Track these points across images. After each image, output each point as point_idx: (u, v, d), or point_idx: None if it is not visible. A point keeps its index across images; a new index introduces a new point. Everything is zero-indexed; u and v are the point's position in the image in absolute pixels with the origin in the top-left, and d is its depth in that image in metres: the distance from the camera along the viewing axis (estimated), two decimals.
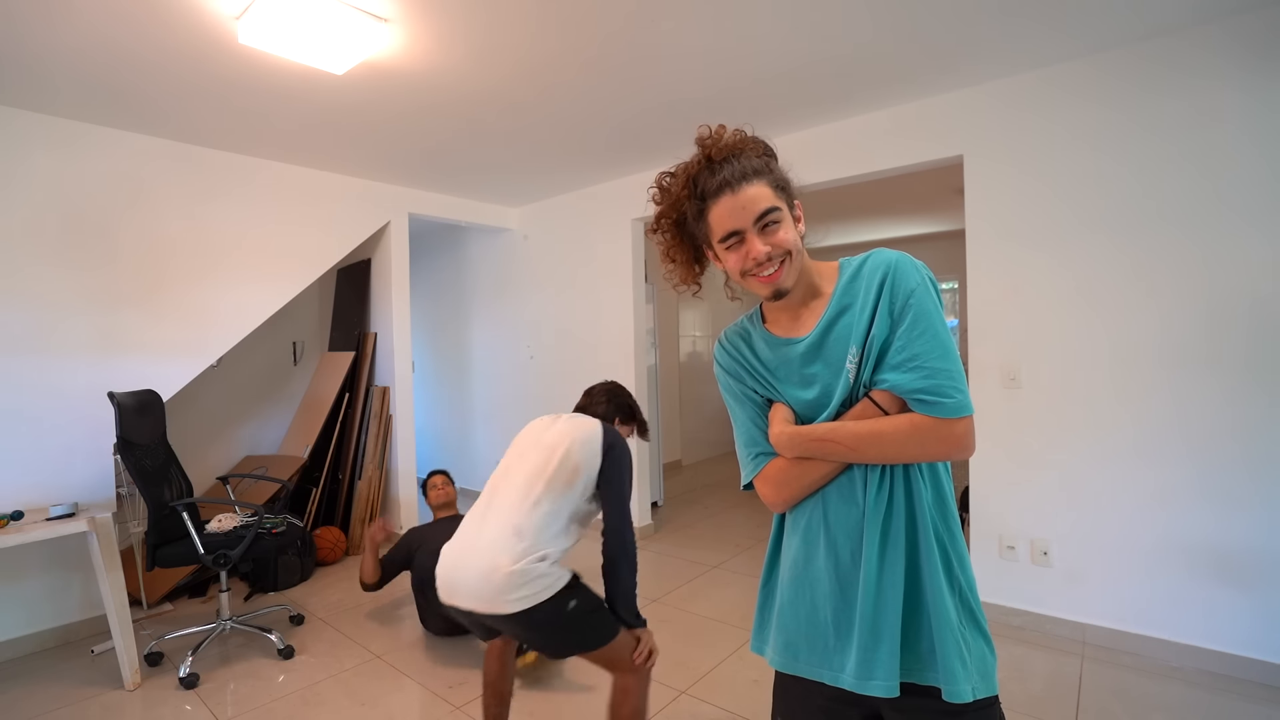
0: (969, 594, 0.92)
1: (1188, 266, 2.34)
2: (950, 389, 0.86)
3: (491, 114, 2.99)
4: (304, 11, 2.00)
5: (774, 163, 0.97)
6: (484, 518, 1.62)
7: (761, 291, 0.96)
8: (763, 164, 0.95)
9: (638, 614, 1.72)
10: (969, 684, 0.86)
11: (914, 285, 0.90)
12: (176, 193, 3.23)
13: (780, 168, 0.98)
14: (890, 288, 0.91)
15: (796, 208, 0.98)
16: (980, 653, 0.90)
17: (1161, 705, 2.14)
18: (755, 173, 0.93)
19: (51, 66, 2.38)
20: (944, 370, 0.86)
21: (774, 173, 0.95)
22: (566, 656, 1.85)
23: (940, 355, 0.87)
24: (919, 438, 0.87)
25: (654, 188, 1.02)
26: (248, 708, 2.28)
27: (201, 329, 3.31)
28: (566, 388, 4.40)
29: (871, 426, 0.89)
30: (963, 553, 0.93)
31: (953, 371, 0.87)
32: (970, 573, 0.94)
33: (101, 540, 2.45)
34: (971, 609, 0.92)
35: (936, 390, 0.86)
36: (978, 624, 0.92)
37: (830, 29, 2.26)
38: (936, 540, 0.90)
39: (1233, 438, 2.27)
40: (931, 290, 0.90)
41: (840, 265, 0.99)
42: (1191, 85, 2.31)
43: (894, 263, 0.92)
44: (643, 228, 4.28)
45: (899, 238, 6.60)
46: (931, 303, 0.89)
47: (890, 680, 0.88)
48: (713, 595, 3.18)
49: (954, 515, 0.94)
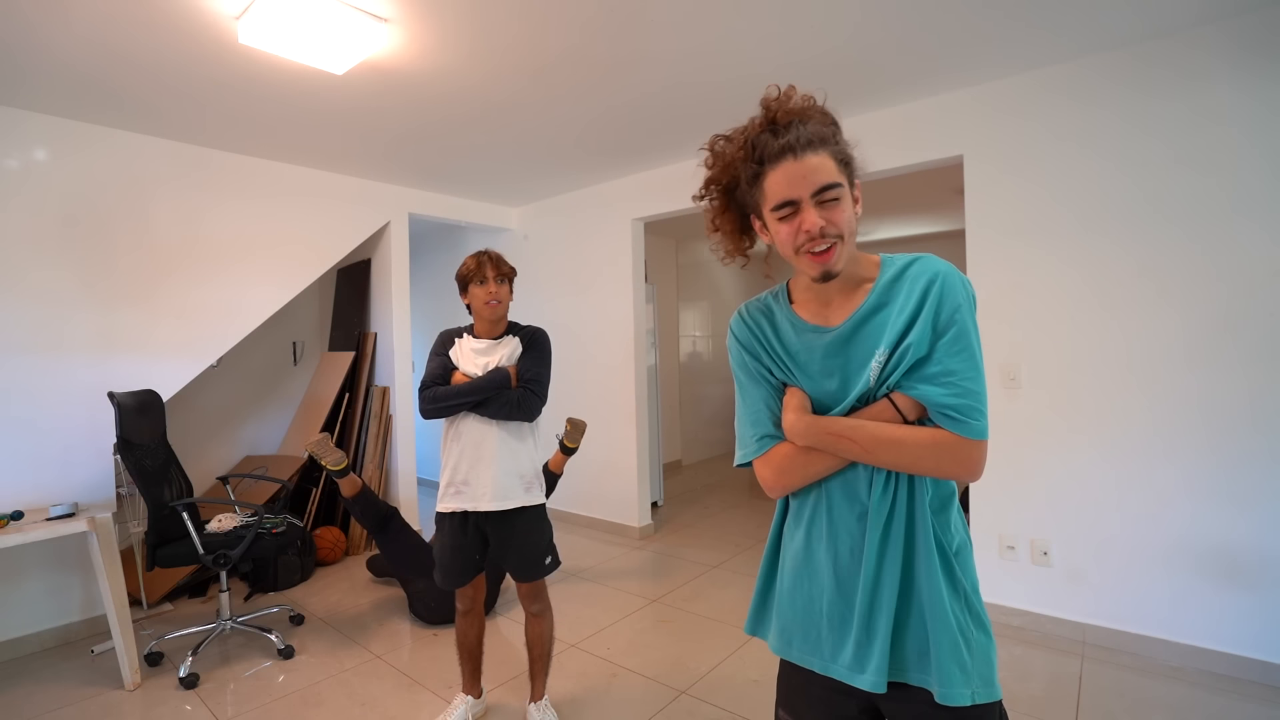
0: (973, 596, 0.92)
1: (1188, 267, 2.34)
2: (978, 412, 0.85)
3: (491, 114, 2.98)
4: (304, 11, 2.00)
5: (840, 135, 0.91)
6: None
7: (810, 271, 0.90)
8: (830, 133, 0.89)
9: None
10: (968, 688, 0.86)
11: (960, 301, 0.88)
12: (176, 193, 3.23)
13: (845, 142, 0.91)
14: (937, 299, 0.88)
15: (856, 188, 0.92)
16: (985, 655, 0.90)
17: (1162, 705, 2.14)
18: (821, 142, 0.87)
19: (51, 66, 2.37)
20: (975, 392, 0.86)
21: (839, 145, 0.90)
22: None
23: (974, 377, 0.86)
24: (937, 453, 0.86)
25: (704, 149, 0.97)
26: (248, 708, 2.28)
27: (201, 329, 3.30)
28: (566, 388, 4.40)
29: (892, 433, 0.88)
30: (966, 555, 0.93)
31: (982, 395, 0.86)
32: (974, 575, 0.94)
33: (101, 540, 2.45)
34: (976, 611, 0.91)
35: (966, 410, 0.85)
36: (983, 625, 0.91)
37: (831, 30, 2.26)
38: (936, 544, 0.89)
39: (1234, 437, 2.27)
40: (973, 310, 0.90)
41: (882, 261, 0.95)
42: (1190, 86, 2.31)
43: (943, 275, 0.89)
44: (643, 228, 4.28)
45: (899, 238, 6.60)
46: (973, 323, 0.89)
47: (879, 676, 0.88)
48: (713, 595, 3.18)
49: (956, 518, 0.93)
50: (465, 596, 2.07)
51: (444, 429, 2.03)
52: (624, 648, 2.66)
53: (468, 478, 1.95)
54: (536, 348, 2.03)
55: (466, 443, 1.96)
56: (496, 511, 1.96)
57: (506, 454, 1.96)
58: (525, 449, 2.01)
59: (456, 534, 1.99)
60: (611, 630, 2.83)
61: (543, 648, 2.08)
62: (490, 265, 1.98)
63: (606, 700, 2.28)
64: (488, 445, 1.95)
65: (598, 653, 2.62)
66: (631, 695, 2.30)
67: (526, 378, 1.97)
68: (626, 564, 3.70)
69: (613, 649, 2.65)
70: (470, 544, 2.00)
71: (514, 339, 2.03)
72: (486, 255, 2.00)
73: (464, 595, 2.07)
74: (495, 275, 1.98)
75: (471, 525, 1.99)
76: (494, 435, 1.95)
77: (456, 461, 1.97)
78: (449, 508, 1.98)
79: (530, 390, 1.95)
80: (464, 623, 2.11)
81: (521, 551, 2.00)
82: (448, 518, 2.00)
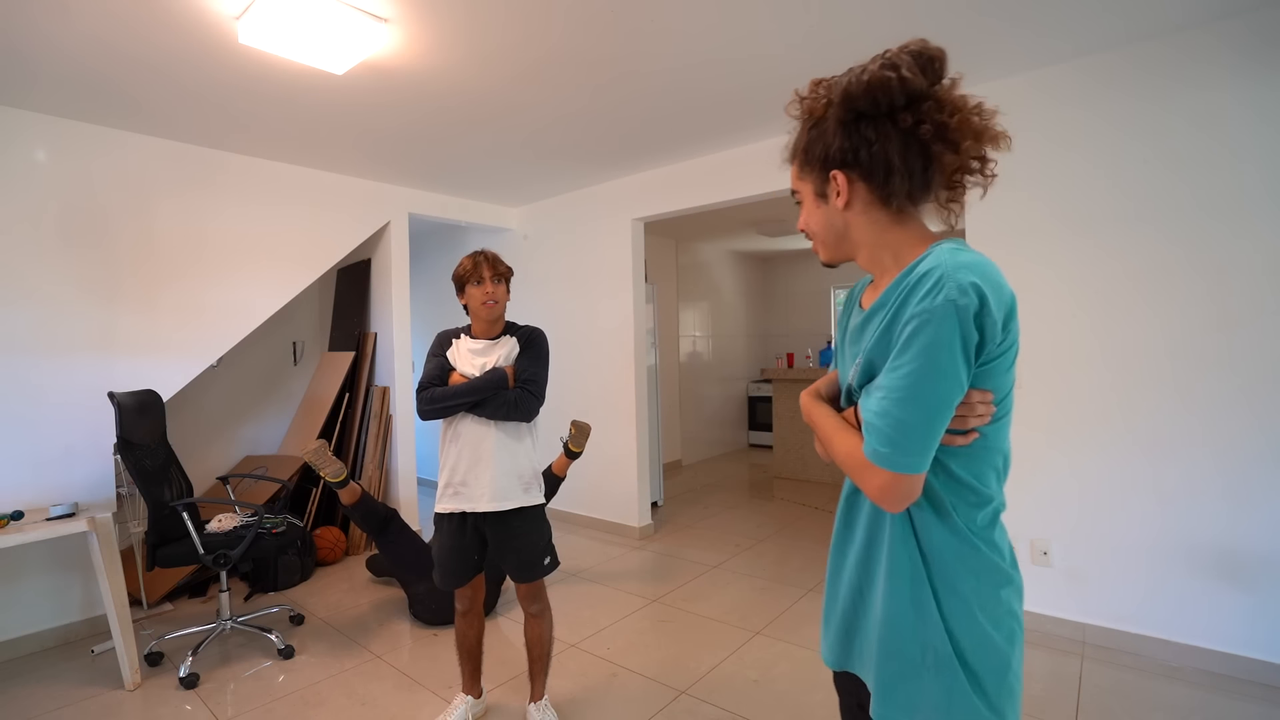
0: (964, 637, 0.80)
1: (1188, 267, 2.34)
2: (886, 437, 0.75)
3: (492, 113, 2.99)
4: (304, 11, 2.00)
5: (824, 128, 0.86)
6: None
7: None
8: (800, 140, 0.90)
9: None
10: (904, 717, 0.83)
11: (923, 314, 0.74)
12: (176, 193, 3.23)
13: (829, 134, 0.85)
14: (899, 304, 0.78)
15: (832, 182, 0.86)
16: (943, 704, 0.80)
17: (1161, 705, 2.14)
18: (792, 151, 0.92)
19: (51, 66, 2.38)
20: (892, 415, 0.75)
21: (809, 147, 0.88)
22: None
23: (901, 400, 0.74)
24: (849, 466, 0.81)
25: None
26: (248, 708, 2.28)
27: (201, 329, 3.31)
28: (567, 388, 4.40)
29: (831, 432, 0.87)
30: (971, 587, 0.81)
31: (904, 422, 0.74)
32: (978, 621, 0.80)
33: (101, 540, 2.45)
34: (961, 657, 0.80)
35: (874, 431, 0.77)
36: (965, 674, 0.80)
37: (831, 32, 2.26)
38: (911, 555, 0.83)
39: (1234, 437, 2.27)
40: (947, 323, 0.72)
41: (926, 251, 0.81)
42: (1188, 87, 2.31)
43: (921, 277, 0.76)
44: (643, 228, 4.28)
45: None
46: (933, 340, 0.73)
47: (829, 655, 0.97)
48: (713, 595, 3.18)
49: (965, 550, 0.81)
50: (464, 597, 2.07)
51: (442, 430, 2.03)
52: (624, 648, 2.66)
53: (466, 478, 1.95)
54: (534, 348, 2.03)
55: (465, 443, 1.96)
56: (495, 512, 1.96)
57: (505, 454, 1.96)
58: (523, 449, 2.01)
59: (455, 535, 1.99)
60: (611, 630, 2.83)
61: (542, 648, 2.08)
62: (487, 265, 1.98)
63: (606, 700, 2.28)
64: (486, 446, 1.95)
65: (598, 653, 2.62)
66: (631, 695, 2.30)
67: (524, 378, 1.97)
68: (626, 564, 3.70)
69: (613, 649, 2.65)
70: (469, 544, 2.00)
71: (511, 339, 2.03)
72: (483, 255, 2.00)
73: (463, 595, 2.07)
74: (492, 275, 1.98)
75: (470, 526, 1.99)
76: (492, 436, 1.95)
77: (455, 462, 1.97)
78: (447, 508, 1.98)
79: (527, 390, 1.95)
80: (464, 623, 2.11)
81: (520, 552, 2.00)
82: (446, 518, 2.00)
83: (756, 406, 7.54)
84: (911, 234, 0.86)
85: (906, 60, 0.80)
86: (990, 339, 0.74)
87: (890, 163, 0.81)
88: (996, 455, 0.84)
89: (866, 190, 0.85)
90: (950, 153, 0.80)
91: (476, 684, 2.17)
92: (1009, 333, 0.77)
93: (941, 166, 0.81)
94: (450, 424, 2.00)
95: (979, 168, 0.83)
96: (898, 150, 0.80)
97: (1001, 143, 0.82)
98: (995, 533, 0.84)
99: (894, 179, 0.82)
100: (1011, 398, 0.83)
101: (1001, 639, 0.81)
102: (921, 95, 0.80)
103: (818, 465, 5.57)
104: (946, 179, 0.83)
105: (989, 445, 0.82)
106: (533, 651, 2.09)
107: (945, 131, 0.79)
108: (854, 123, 0.83)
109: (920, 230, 0.87)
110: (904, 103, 0.80)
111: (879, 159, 0.81)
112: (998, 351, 0.77)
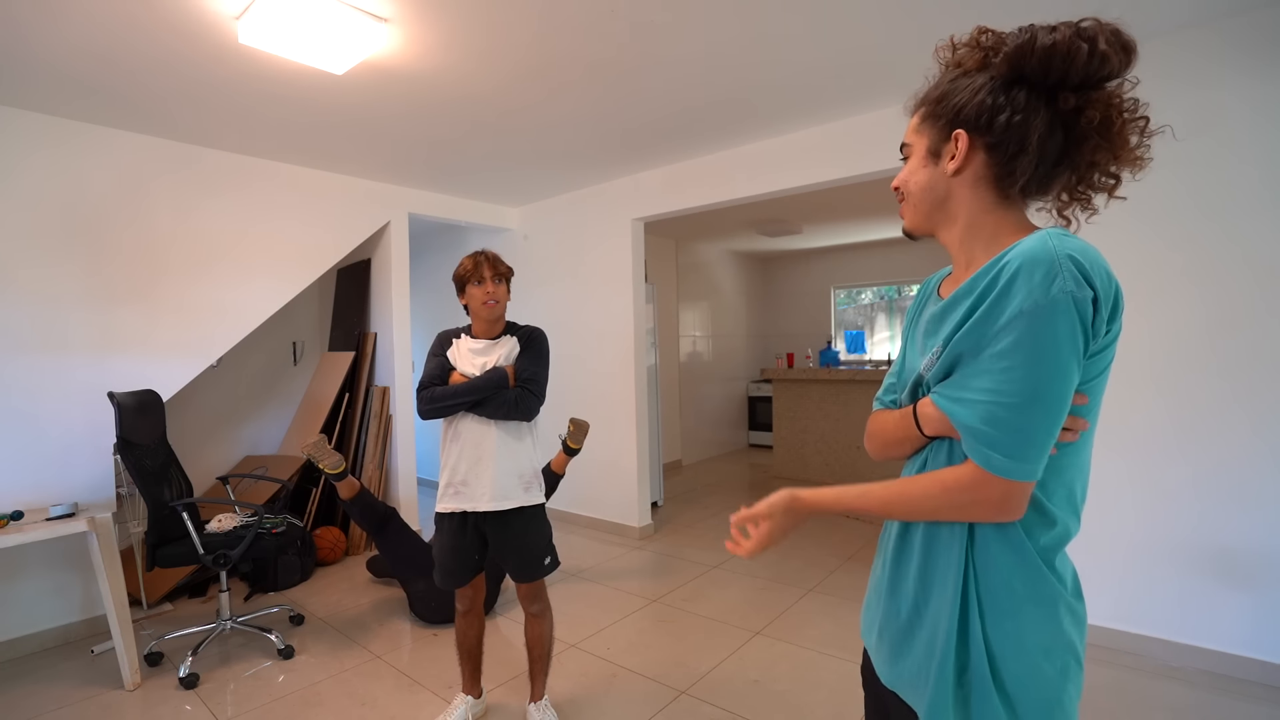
0: (1002, 664, 0.73)
1: (1186, 266, 2.34)
2: (1005, 445, 0.69)
3: (492, 114, 2.98)
4: (304, 11, 2.00)
5: (957, 81, 0.80)
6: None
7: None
8: (929, 91, 0.84)
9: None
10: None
11: (1028, 305, 0.66)
12: (176, 192, 3.23)
13: (958, 85, 0.79)
14: (999, 295, 0.69)
15: (954, 141, 0.78)
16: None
17: (1161, 705, 2.14)
18: (917, 102, 0.85)
19: (51, 66, 2.37)
20: (1007, 422, 0.68)
21: (939, 99, 0.81)
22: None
23: (1017, 405, 0.67)
24: (950, 496, 0.74)
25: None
26: (248, 708, 2.28)
27: (201, 329, 3.30)
28: (567, 388, 4.40)
29: (893, 491, 0.79)
30: (1014, 615, 0.74)
31: (1024, 428, 0.68)
32: (1021, 645, 0.73)
33: (101, 540, 2.45)
34: (1002, 690, 0.73)
35: (987, 439, 0.70)
36: (1010, 711, 0.73)
37: (831, 32, 2.26)
38: (960, 581, 0.76)
39: (1234, 437, 2.27)
40: (1060, 315, 0.66)
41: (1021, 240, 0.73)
42: (1187, 87, 2.30)
43: (1019, 264, 0.68)
44: (643, 228, 4.28)
45: (899, 238, 6.60)
46: (1046, 333, 0.66)
47: (881, 670, 0.88)
48: (713, 595, 3.18)
49: (1025, 572, 0.74)
50: (465, 597, 2.08)
51: (443, 429, 2.03)
52: (624, 648, 2.66)
53: (466, 478, 1.95)
54: (534, 347, 2.03)
55: (465, 443, 1.96)
56: (495, 512, 1.96)
57: (505, 454, 1.96)
58: (524, 449, 2.01)
59: (455, 534, 1.99)
60: (611, 630, 2.83)
61: (542, 648, 2.08)
62: (487, 265, 1.98)
63: (606, 700, 2.28)
64: (486, 445, 1.95)
65: (598, 653, 2.62)
66: (631, 695, 2.30)
67: (524, 377, 1.97)
68: (626, 564, 3.70)
69: (613, 649, 2.65)
70: (469, 544, 2.00)
71: (511, 339, 2.03)
72: (483, 255, 2.00)
73: (463, 595, 2.07)
74: (492, 275, 1.98)
75: (470, 525, 1.99)
76: (492, 435, 1.95)
77: (455, 462, 1.97)
78: (448, 508, 1.98)
79: (528, 390, 1.95)
80: (464, 623, 2.11)
81: (520, 552, 2.00)
82: (447, 518, 2.00)
83: (756, 406, 7.54)
84: (1013, 221, 0.79)
85: (1108, 33, 0.69)
86: (1096, 334, 0.68)
87: (1026, 140, 0.73)
88: (1074, 475, 0.76)
89: (985, 162, 0.77)
90: (1102, 153, 0.73)
91: (476, 684, 2.17)
92: (1113, 329, 0.70)
93: (1077, 164, 0.74)
94: (451, 424, 2.00)
95: (1111, 185, 0.75)
96: (1041, 130, 0.72)
97: (1140, 168, 0.75)
98: (1058, 559, 0.77)
99: (1021, 159, 0.74)
100: (1099, 409, 0.74)
101: (1053, 671, 0.73)
102: (1100, 80, 0.71)
103: (818, 465, 5.56)
104: (1073, 181, 0.76)
105: (1065, 463, 0.74)
106: (533, 651, 2.09)
107: (1109, 130, 0.71)
108: (1009, 85, 0.74)
109: (1022, 219, 0.80)
110: (1078, 81, 0.70)
111: (1015, 132, 0.73)
112: (1098, 348, 0.69)
